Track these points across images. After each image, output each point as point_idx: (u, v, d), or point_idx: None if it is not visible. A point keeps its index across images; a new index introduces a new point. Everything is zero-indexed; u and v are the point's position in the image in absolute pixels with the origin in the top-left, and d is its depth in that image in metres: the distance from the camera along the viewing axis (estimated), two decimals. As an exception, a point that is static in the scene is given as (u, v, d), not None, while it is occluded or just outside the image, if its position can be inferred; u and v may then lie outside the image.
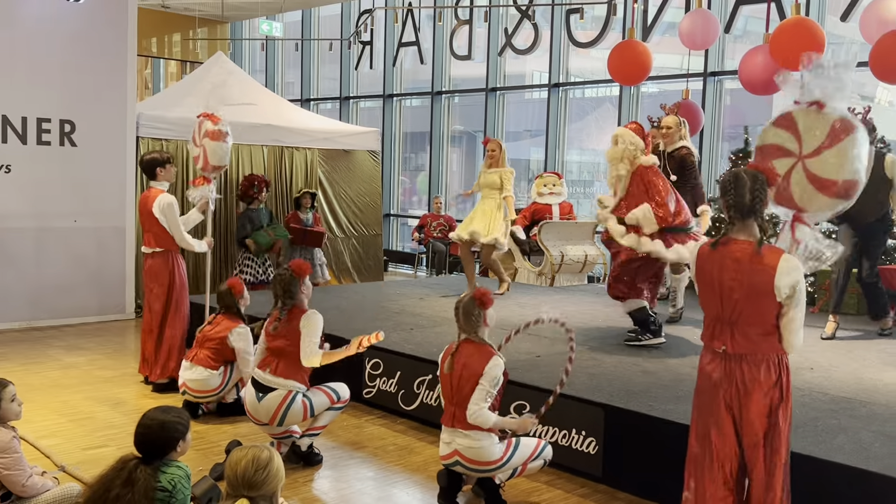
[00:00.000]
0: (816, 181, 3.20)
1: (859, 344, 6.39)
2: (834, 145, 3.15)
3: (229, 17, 16.97)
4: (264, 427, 4.58)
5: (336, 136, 11.12)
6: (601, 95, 12.88)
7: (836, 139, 3.15)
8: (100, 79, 8.64)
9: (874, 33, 7.18)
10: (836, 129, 3.16)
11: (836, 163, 3.15)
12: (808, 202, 3.23)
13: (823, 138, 3.17)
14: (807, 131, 3.23)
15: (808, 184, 3.22)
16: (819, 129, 3.18)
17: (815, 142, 3.20)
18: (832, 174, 3.16)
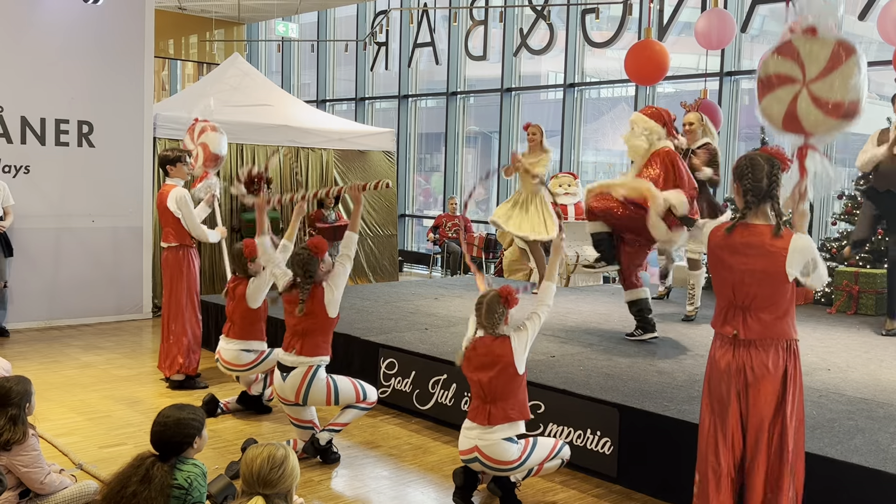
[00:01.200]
0: (823, 105, 3.24)
1: (877, 344, 6.34)
2: (837, 68, 3.20)
3: (245, 19, 17.06)
4: (291, 408, 4.64)
5: (351, 136, 11.15)
6: (617, 96, 12.84)
7: (839, 61, 3.20)
8: (117, 80, 8.71)
9: (891, 32, 7.13)
10: (838, 51, 3.20)
11: (840, 85, 3.20)
12: (816, 126, 3.27)
13: (825, 62, 3.22)
14: (808, 56, 3.27)
15: (814, 108, 3.25)
16: (821, 53, 3.23)
17: (818, 66, 3.25)
18: (838, 96, 3.21)
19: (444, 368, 5.38)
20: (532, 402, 4.85)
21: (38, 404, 3.88)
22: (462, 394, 5.26)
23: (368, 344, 6.01)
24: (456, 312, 7.29)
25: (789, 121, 3.29)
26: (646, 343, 6.15)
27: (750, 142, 10.29)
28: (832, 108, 3.20)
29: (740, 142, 10.63)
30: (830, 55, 3.20)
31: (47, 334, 8.04)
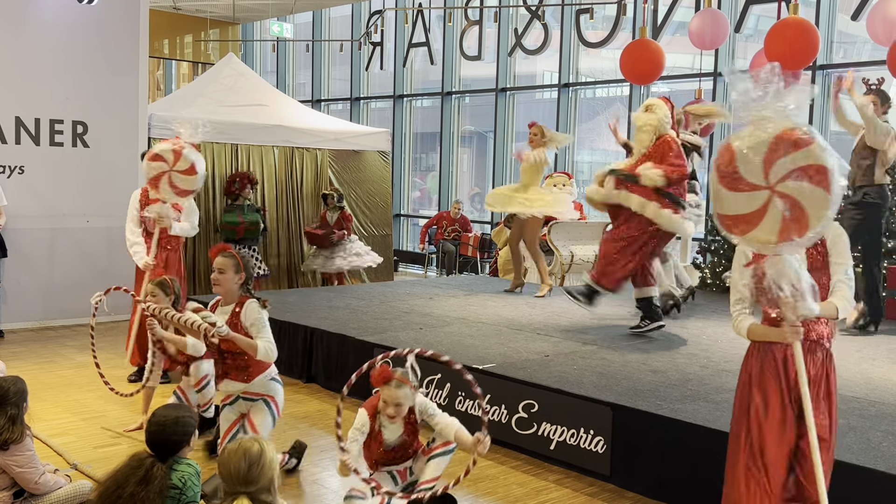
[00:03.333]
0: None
1: (868, 343, 6.38)
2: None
3: (240, 19, 17.05)
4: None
5: (346, 136, 11.16)
6: (611, 95, 12.87)
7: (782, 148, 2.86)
8: (112, 80, 8.71)
9: (880, 32, 7.17)
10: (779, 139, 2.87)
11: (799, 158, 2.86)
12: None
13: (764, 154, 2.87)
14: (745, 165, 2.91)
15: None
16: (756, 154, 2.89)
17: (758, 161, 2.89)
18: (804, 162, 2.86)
19: (439, 368, 5.39)
20: (525, 401, 4.88)
21: (32, 404, 3.89)
22: (456, 394, 5.28)
23: (363, 343, 6.02)
24: (450, 312, 7.31)
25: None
26: (639, 342, 6.17)
27: (744, 141, 10.31)
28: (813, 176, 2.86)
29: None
30: (768, 147, 2.83)
31: (42, 334, 8.03)
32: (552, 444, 4.73)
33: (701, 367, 5.40)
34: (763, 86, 2.86)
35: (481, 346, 5.86)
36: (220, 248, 4.52)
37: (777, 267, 2.92)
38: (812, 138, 2.80)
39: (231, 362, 4.35)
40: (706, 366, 5.47)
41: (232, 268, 4.37)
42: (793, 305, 2.94)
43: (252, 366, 4.35)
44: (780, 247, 2.90)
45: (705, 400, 4.59)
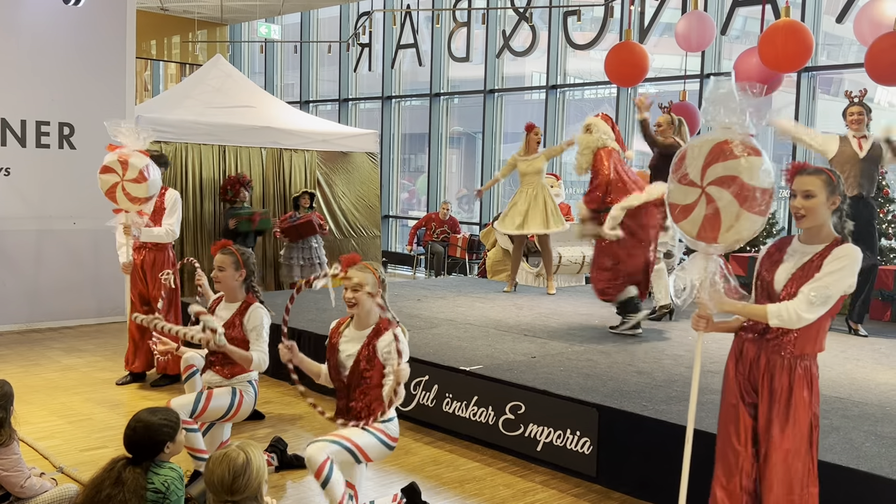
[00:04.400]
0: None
1: (853, 344, 6.43)
2: (720, 160, 3.12)
3: (228, 20, 17.02)
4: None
5: (334, 138, 11.15)
6: (599, 97, 12.91)
7: (721, 154, 3.12)
8: (99, 81, 8.68)
9: (867, 35, 7.22)
10: (720, 146, 3.14)
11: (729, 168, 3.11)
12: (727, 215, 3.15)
13: (707, 156, 3.17)
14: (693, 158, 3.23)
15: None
16: (703, 148, 3.18)
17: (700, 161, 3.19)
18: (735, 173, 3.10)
19: (426, 370, 5.41)
20: (512, 403, 4.89)
21: (18, 408, 3.88)
22: (444, 395, 5.29)
23: (350, 345, 6.02)
24: (438, 314, 7.32)
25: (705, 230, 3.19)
26: (625, 343, 6.20)
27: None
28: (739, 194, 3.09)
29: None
30: (710, 150, 3.13)
31: (28, 337, 8.00)
32: (539, 445, 4.75)
33: (686, 369, 5.43)
34: (737, 99, 3.10)
35: (469, 348, 5.88)
36: (221, 244, 4.48)
37: (693, 263, 3.22)
38: (742, 154, 3.06)
39: (220, 356, 4.35)
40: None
41: (231, 265, 4.36)
42: (699, 300, 3.21)
43: (237, 364, 4.36)
44: (698, 244, 3.22)
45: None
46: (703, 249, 3.20)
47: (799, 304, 3.02)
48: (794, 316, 3.02)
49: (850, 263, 3.04)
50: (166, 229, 6.24)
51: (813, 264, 3.09)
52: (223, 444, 4.18)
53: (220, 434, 4.41)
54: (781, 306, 3.05)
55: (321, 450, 3.45)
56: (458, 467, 4.75)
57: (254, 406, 4.53)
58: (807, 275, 3.07)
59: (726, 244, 3.17)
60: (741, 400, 3.25)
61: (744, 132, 3.11)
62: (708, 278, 3.17)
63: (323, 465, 3.39)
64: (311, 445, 3.49)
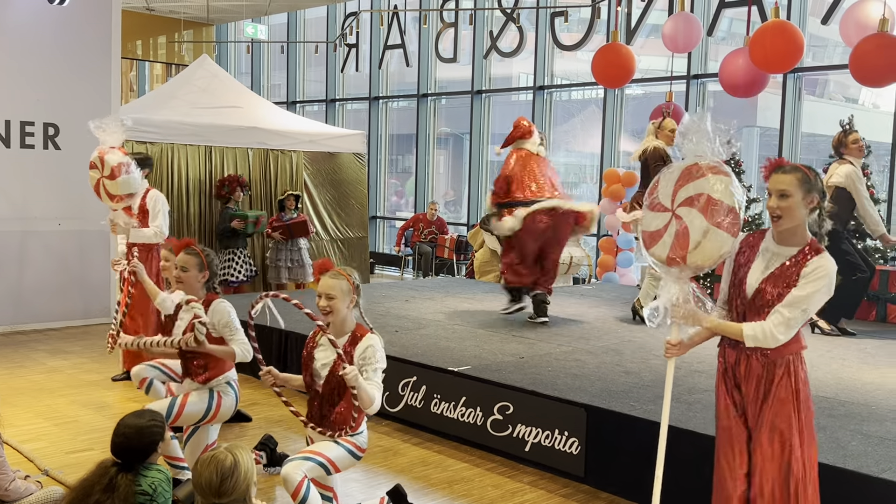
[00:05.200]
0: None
1: (839, 343, 6.46)
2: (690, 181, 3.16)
3: (214, 20, 16.96)
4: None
5: (321, 138, 11.13)
6: (586, 98, 12.94)
7: (690, 176, 3.16)
8: (84, 82, 8.63)
9: (853, 36, 7.26)
10: (689, 169, 3.18)
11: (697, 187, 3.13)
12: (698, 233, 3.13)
13: (678, 178, 3.21)
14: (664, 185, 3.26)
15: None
16: (674, 174, 3.23)
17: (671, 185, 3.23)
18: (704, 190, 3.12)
19: (414, 370, 5.40)
20: (500, 403, 4.89)
21: (3, 410, 3.86)
22: (432, 396, 5.28)
23: (338, 346, 6.00)
24: (426, 314, 7.31)
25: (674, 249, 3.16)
26: (613, 344, 6.21)
27: (716, 144, 10.41)
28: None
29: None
30: (680, 174, 3.17)
31: (13, 339, 7.94)
32: (527, 445, 4.75)
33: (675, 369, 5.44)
34: (707, 132, 3.14)
35: (457, 349, 5.88)
36: (184, 244, 4.33)
37: (665, 288, 3.20)
38: (710, 172, 3.08)
39: (193, 362, 4.26)
40: (679, 367, 5.51)
41: (195, 266, 4.24)
42: (669, 325, 3.21)
43: (211, 368, 4.25)
44: (669, 270, 3.20)
45: (678, 401, 4.62)
46: (675, 274, 3.18)
47: (776, 327, 3.00)
48: (770, 337, 3.01)
49: (829, 281, 3.01)
50: (154, 230, 6.23)
51: (787, 270, 3.03)
52: (210, 447, 4.15)
53: (206, 437, 4.37)
54: (757, 327, 3.03)
55: (297, 468, 3.44)
56: (447, 468, 4.75)
57: (236, 406, 4.44)
58: (780, 281, 3.03)
59: (695, 265, 3.12)
60: (735, 417, 3.20)
61: (714, 158, 3.13)
62: (681, 302, 3.15)
63: (300, 486, 3.39)
64: (287, 465, 3.48)
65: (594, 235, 11.68)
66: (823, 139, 10.46)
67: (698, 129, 3.16)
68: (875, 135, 9.30)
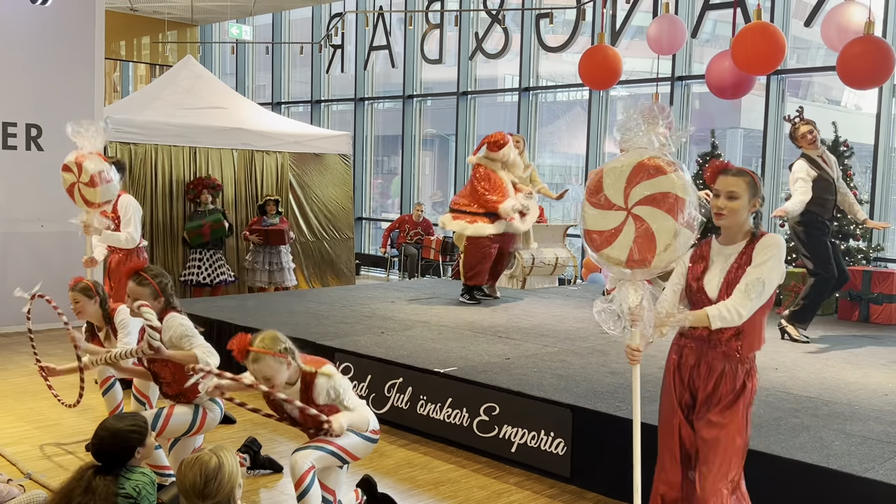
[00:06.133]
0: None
1: (822, 344, 6.50)
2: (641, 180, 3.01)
3: (199, 20, 16.88)
4: None
5: (307, 139, 11.10)
6: (572, 99, 12.97)
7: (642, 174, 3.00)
8: (67, 82, 8.57)
9: (834, 39, 7.32)
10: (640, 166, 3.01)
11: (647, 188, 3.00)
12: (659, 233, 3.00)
13: (627, 176, 3.04)
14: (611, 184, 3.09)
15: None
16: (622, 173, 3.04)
17: (621, 183, 3.05)
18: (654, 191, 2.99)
19: (400, 372, 5.40)
20: (486, 404, 4.89)
21: (-16, 413, 3.81)
22: (418, 397, 5.28)
23: (323, 348, 5.99)
24: (412, 316, 7.30)
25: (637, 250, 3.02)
26: (598, 345, 6.21)
27: (700, 145, 10.48)
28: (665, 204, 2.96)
29: (692, 145, 10.82)
30: (631, 171, 2.99)
31: (-5, 341, 7.87)
32: (513, 446, 4.75)
33: (658, 369, 5.43)
34: (646, 119, 2.98)
35: (442, 350, 5.87)
36: (133, 273, 4.21)
37: (622, 293, 3.04)
38: (669, 169, 2.94)
39: (167, 385, 4.21)
40: (660, 367, 5.53)
41: (150, 296, 4.12)
42: (631, 333, 3.07)
43: (188, 390, 4.06)
44: (626, 270, 3.04)
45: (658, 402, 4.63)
46: (633, 276, 3.04)
47: (738, 301, 3.04)
48: (735, 314, 3.04)
49: (778, 252, 3.10)
50: (126, 236, 6.14)
51: (739, 264, 3.13)
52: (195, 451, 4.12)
53: (191, 443, 4.34)
54: (721, 307, 3.05)
55: (306, 457, 3.44)
56: (433, 469, 4.75)
57: (219, 421, 4.41)
58: (737, 276, 3.10)
59: (660, 266, 3.02)
60: (679, 411, 3.28)
61: (663, 150, 2.99)
62: (642, 305, 3.01)
63: (305, 475, 3.39)
64: (297, 453, 3.47)
65: (578, 237, 11.71)
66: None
67: (635, 121, 3.01)
68: (858, 136, 9.38)
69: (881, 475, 3.57)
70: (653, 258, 2.98)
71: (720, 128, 10.46)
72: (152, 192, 9.55)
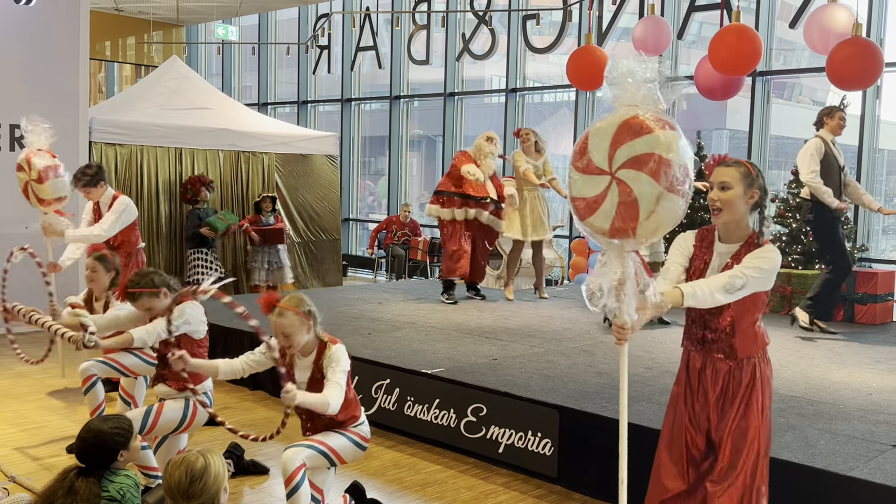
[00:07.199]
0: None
1: (808, 343, 6.54)
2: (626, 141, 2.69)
3: (184, 21, 16.80)
4: None
5: (293, 140, 11.08)
6: (559, 100, 13.00)
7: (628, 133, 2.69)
8: (51, 83, 8.51)
9: (816, 40, 7.36)
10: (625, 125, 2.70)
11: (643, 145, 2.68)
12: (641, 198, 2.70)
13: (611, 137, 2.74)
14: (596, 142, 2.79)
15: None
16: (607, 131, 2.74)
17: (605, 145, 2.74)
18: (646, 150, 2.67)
19: (387, 373, 5.39)
20: (474, 405, 4.89)
21: (-33, 416, 3.78)
22: (405, 398, 5.27)
23: (311, 349, 5.97)
24: (399, 317, 7.30)
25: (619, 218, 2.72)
26: (585, 345, 6.23)
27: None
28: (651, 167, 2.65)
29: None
30: (617, 129, 2.68)
31: (-22, 344, 7.79)
32: (500, 447, 4.76)
33: (645, 369, 5.48)
34: (637, 72, 2.69)
35: (430, 351, 5.87)
36: (128, 284, 4.28)
37: (607, 266, 2.77)
38: (656, 127, 2.63)
39: (168, 368, 4.15)
40: (650, 367, 5.56)
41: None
42: (616, 309, 2.80)
43: (192, 378, 4.09)
44: (613, 241, 2.74)
45: (649, 401, 4.66)
46: (618, 247, 2.74)
47: (715, 286, 2.91)
48: (708, 296, 2.90)
49: (771, 265, 2.99)
50: (98, 230, 5.92)
51: (732, 264, 3.04)
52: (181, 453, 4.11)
53: (177, 444, 4.32)
54: (696, 286, 2.92)
55: (296, 455, 3.47)
56: (420, 470, 4.74)
57: (207, 416, 4.40)
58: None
59: (645, 235, 2.72)
60: (685, 418, 3.23)
61: (653, 107, 2.67)
62: (629, 280, 2.74)
63: (296, 473, 3.40)
64: (288, 450, 3.51)
65: (566, 237, 11.73)
66: (792, 142, 10.60)
67: (626, 75, 2.69)
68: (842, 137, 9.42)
69: (865, 474, 3.60)
70: (636, 226, 2.67)
71: (706, 129, 10.51)
72: (138, 194, 9.49)
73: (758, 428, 3.13)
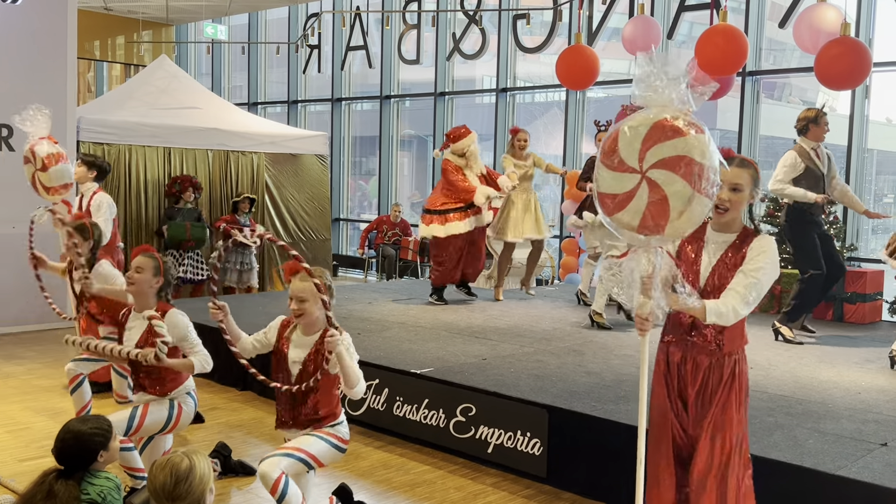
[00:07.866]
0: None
1: (797, 343, 6.54)
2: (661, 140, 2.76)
3: (174, 20, 16.74)
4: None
5: (283, 140, 11.04)
6: (549, 100, 12.99)
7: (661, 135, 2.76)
8: (39, 82, 8.45)
9: (806, 39, 7.38)
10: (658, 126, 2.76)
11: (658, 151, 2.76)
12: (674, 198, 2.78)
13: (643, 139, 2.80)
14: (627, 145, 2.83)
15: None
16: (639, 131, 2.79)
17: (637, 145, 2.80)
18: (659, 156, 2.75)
19: (376, 374, 5.37)
20: (463, 405, 4.88)
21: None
22: (394, 399, 5.25)
23: (299, 349, 5.95)
24: (389, 317, 7.28)
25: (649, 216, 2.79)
26: (574, 345, 6.22)
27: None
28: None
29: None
30: (649, 130, 2.74)
31: (-35, 345, 7.75)
32: (489, 447, 4.74)
33: (635, 369, 5.47)
34: (668, 73, 2.74)
35: (419, 351, 5.85)
36: (143, 248, 4.27)
37: (635, 259, 2.84)
38: (689, 130, 2.71)
39: (145, 375, 4.11)
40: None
41: (151, 268, 4.11)
42: (641, 301, 2.86)
43: (170, 381, 4.12)
44: (640, 236, 2.81)
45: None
46: (645, 242, 2.82)
47: (737, 303, 2.99)
48: (731, 314, 2.99)
49: (773, 256, 3.08)
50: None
51: (732, 256, 3.11)
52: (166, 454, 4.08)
53: (162, 444, 4.29)
54: (721, 304, 3.00)
55: (275, 465, 3.43)
56: (409, 471, 4.72)
57: (193, 416, 4.38)
58: (728, 266, 3.10)
59: (673, 234, 2.82)
60: (670, 413, 3.24)
61: (684, 108, 2.75)
62: (657, 273, 2.81)
63: (278, 482, 3.38)
64: (264, 462, 3.46)
65: (556, 237, 11.72)
66: (781, 142, 10.61)
67: (658, 73, 2.75)
68: (831, 137, 9.44)
69: (854, 473, 3.60)
70: (666, 224, 2.76)
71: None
72: (126, 194, 9.45)
73: (736, 421, 3.16)
